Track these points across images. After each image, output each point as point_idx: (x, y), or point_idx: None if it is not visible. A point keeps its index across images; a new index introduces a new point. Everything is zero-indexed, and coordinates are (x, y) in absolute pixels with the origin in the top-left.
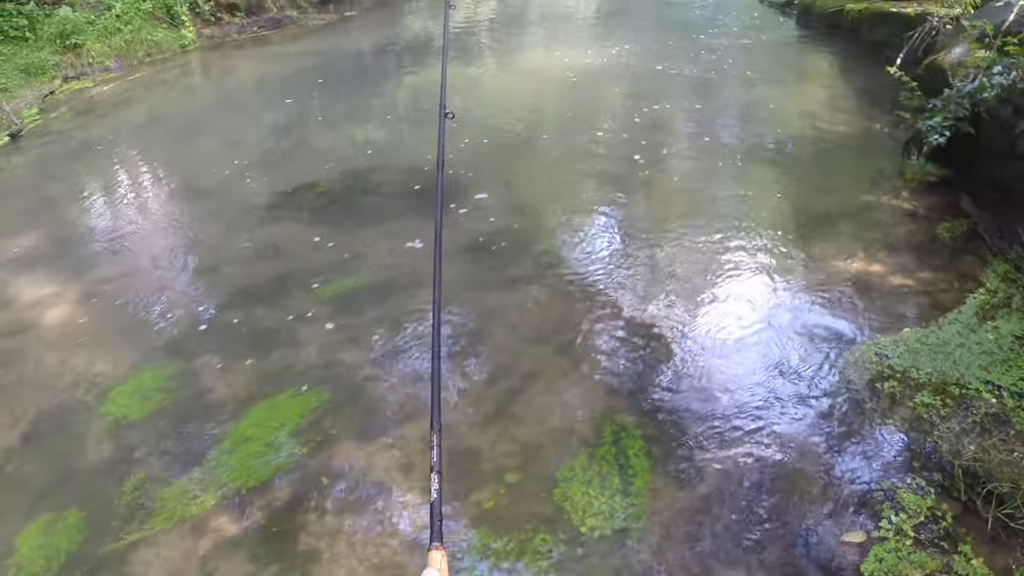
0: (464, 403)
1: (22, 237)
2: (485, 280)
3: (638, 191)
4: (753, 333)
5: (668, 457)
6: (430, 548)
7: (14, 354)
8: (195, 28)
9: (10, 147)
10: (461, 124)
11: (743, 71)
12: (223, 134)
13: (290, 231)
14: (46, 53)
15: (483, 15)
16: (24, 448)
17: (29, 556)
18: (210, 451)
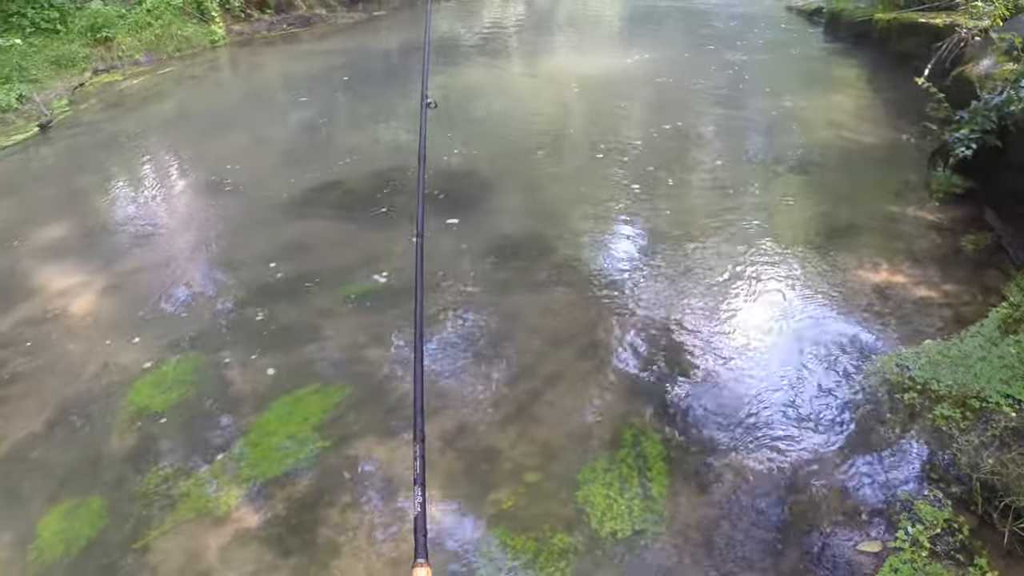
0: (485, 403)
1: (51, 227)
2: (508, 282)
3: (661, 197)
4: (774, 341)
5: (687, 462)
6: (414, 565)
7: (41, 342)
8: (225, 24)
9: (40, 137)
10: (489, 128)
11: (770, 79)
12: (250, 130)
13: (315, 228)
14: (76, 46)
15: (510, 18)
16: (48, 435)
17: (50, 540)
18: (232, 443)
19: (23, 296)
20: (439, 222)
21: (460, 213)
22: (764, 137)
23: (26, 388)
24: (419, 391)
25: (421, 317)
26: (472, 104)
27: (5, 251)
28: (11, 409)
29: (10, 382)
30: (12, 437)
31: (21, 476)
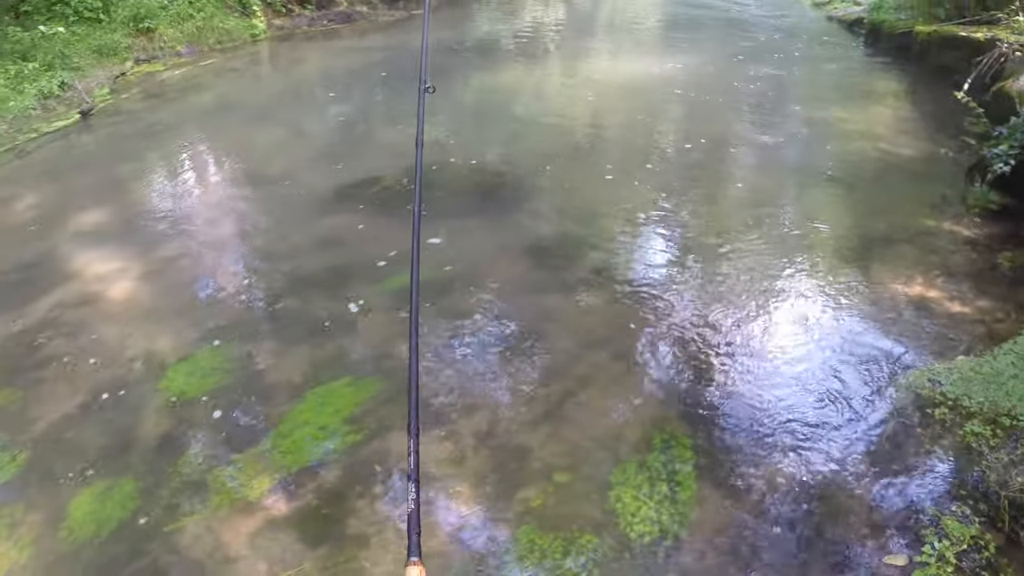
0: (517, 402)
1: (90, 212)
2: (543, 283)
3: (695, 204)
4: (806, 351)
5: (716, 468)
6: (408, 564)
7: (78, 325)
8: (266, 18)
9: (80, 125)
10: (526, 129)
11: (808, 89)
12: (289, 124)
13: (352, 223)
14: (119, 35)
15: (550, 21)
16: (83, 416)
17: (81, 520)
18: (265, 432)
19: (62, 279)
20: (475, 221)
21: (495, 212)
22: (801, 147)
23: (61, 370)
24: (414, 385)
25: (416, 312)
26: (510, 105)
27: (45, 235)
28: (46, 390)
29: (46, 363)
30: (47, 418)
31: (54, 456)
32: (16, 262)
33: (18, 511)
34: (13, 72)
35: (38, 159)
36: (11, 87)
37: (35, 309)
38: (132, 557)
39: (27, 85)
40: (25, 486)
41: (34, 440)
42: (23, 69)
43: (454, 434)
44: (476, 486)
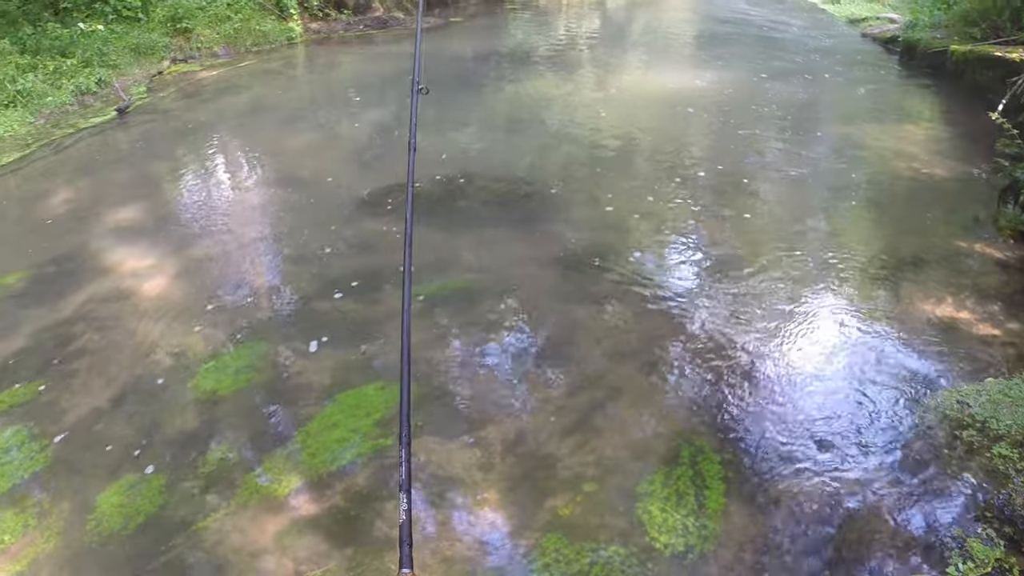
0: (546, 411)
1: (124, 209)
2: (573, 293)
3: (725, 218)
4: (834, 368)
5: (743, 483)
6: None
7: (111, 320)
8: (302, 22)
9: (116, 122)
10: (559, 139)
11: (841, 106)
12: (323, 127)
13: (384, 228)
14: (156, 35)
15: (584, 32)
16: (113, 410)
17: (108, 513)
18: (294, 432)
19: (96, 274)
20: (503, 230)
21: (523, 222)
22: (833, 165)
23: (93, 363)
24: (405, 394)
25: (408, 317)
26: (540, 115)
27: (80, 229)
28: (78, 383)
29: (78, 356)
30: (77, 410)
31: (84, 448)
32: (51, 255)
33: (46, 501)
34: (51, 68)
35: (74, 154)
36: (49, 83)
37: (69, 302)
38: (158, 551)
39: (65, 81)
40: (54, 477)
41: (64, 432)
42: (61, 65)
43: (483, 441)
44: (504, 493)
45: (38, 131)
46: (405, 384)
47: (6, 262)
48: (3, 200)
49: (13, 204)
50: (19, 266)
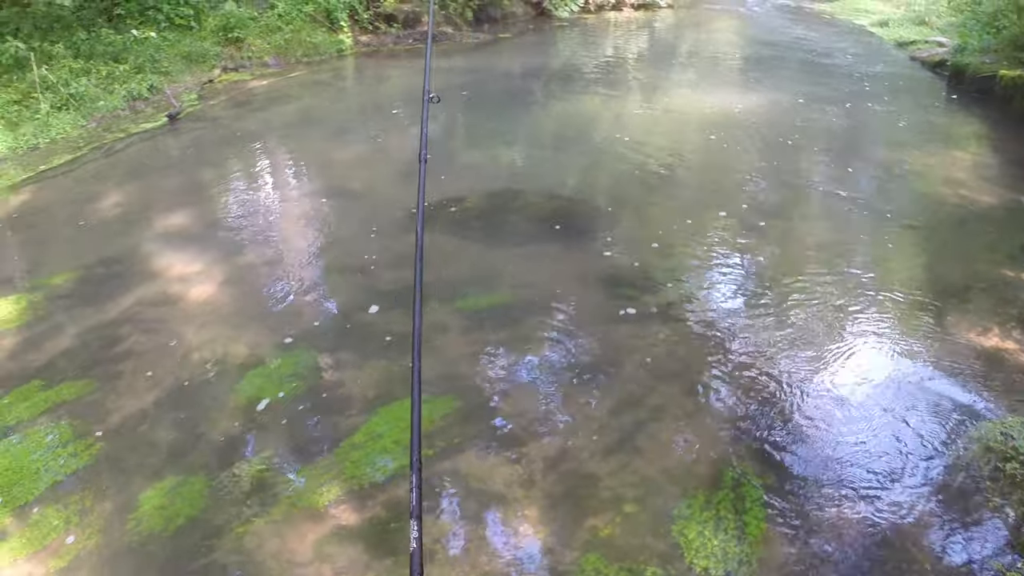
0: (589, 430)
1: (174, 214)
2: (617, 312)
3: (769, 241)
4: (877, 396)
5: (784, 510)
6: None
7: (158, 323)
8: (353, 34)
9: (167, 128)
10: (605, 157)
11: (887, 131)
12: (371, 140)
13: (432, 242)
14: (208, 43)
15: (631, 50)
16: (157, 412)
17: (150, 513)
18: (338, 442)
19: (144, 277)
20: (549, 247)
21: (569, 239)
22: (878, 190)
23: (139, 365)
24: (417, 419)
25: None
26: (587, 132)
27: (129, 232)
28: (124, 384)
29: (125, 357)
30: (123, 411)
31: (128, 449)
32: (101, 257)
33: (88, 499)
34: (104, 73)
35: (125, 158)
36: (102, 87)
37: (116, 304)
38: (198, 554)
39: (117, 86)
40: (97, 476)
41: (109, 432)
42: (114, 70)
43: (525, 457)
44: (545, 510)
45: (90, 134)
46: (416, 411)
47: (55, 263)
48: (54, 201)
49: (64, 205)
50: (68, 267)
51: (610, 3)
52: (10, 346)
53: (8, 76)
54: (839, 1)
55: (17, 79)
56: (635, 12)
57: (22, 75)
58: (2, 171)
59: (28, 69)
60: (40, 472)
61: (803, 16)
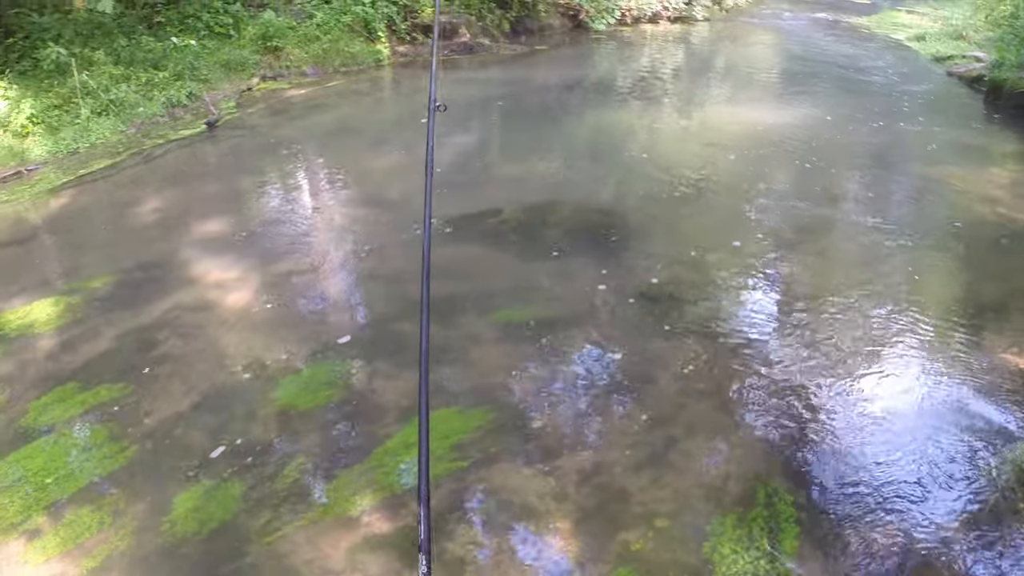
0: (622, 444)
1: (211, 221)
2: (652, 327)
3: (804, 258)
4: (911, 416)
5: (816, 528)
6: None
7: (195, 328)
8: (390, 45)
9: (206, 135)
10: (640, 171)
11: (924, 147)
12: (407, 150)
13: (469, 254)
14: (247, 52)
15: (668, 64)
16: (193, 416)
17: (184, 516)
18: (371, 450)
19: (181, 283)
20: (584, 259)
21: (603, 252)
22: (914, 207)
23: (176, 369)
24: (424, 449)
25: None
26: (622, 145)
27: (167, 238)
28: (160, 387)
29: (162, 361)
30: (158, 414)
31: (163, 452)
32: (139, 261)
33: (122, 501)
34: (144, 79)
35: (163, 164)
36: (141, 94)
37: (154, 308)
38: (231, 558)
39: (156, 93)
40: (132, 477)
41: (144, 434)
42: (154, 77)
43: (558, 470)
44: (577, 524)
45: (129, 140)
46: (424, 441)
47: (94, 266)
48: (93, 205)
49: (102, 210)
50: (106, 270)
51: (647, 16)
52: (48, 347)
53: (49, 81)
54: (876, 15)
55: (58, 84)
56: (671, 25)
57: (63, 80)
58: (42, 175)
59: (69, 75)
60: (75, 472)
61: (840, 29)
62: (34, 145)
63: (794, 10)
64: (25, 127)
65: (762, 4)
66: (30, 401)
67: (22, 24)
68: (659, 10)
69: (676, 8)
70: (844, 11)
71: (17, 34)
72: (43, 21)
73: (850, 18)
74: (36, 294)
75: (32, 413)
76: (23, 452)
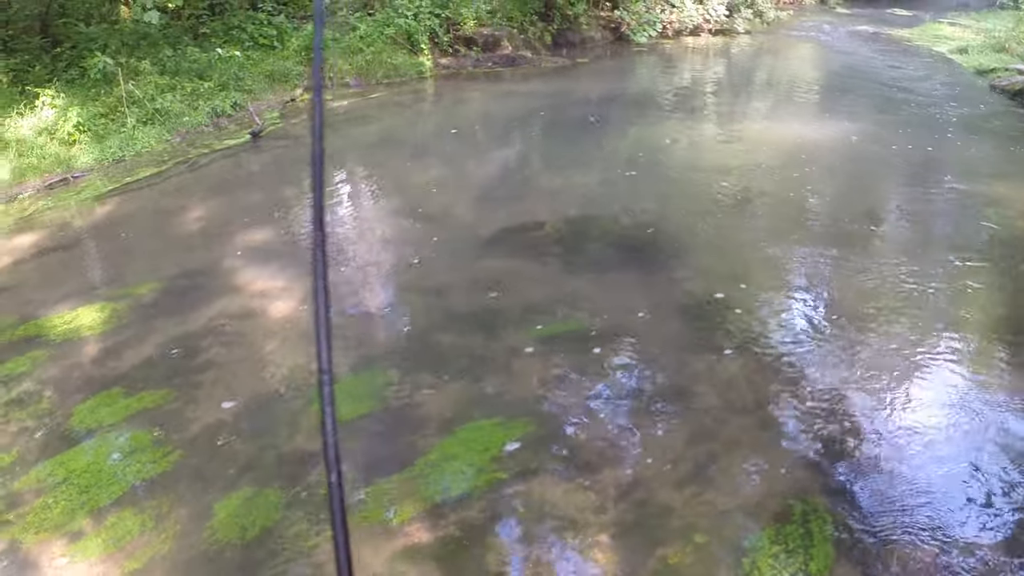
0: (663, 459)
1: (256, 230)
2: (693, 341)
3: (846, 274)
4: (952, 434)
5: (854, 546)
6: None
7: (238, 337)
8: (433, 57)
9: (250, 145)
10: (680, 185)
11: (967, 161)
12: (449, 162)
13: (510, 265)
14: (290, 63)
15: (709, 77)
16: (235, 424)
17: (225, 522)
18: (413, 461)
19: (225, 291)
20: (625, 274)
21: (645, 267)
22: (956, 223)
23: (219, 376)
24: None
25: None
26: (663, 159)
27: (211, 246)
28: (203, 394)
29: (205, 368)
30: (201, 420)
31: (206, 458)
32: (184, 269)
33: (165, 505)
34: (189, 89)
35: (208, 173)
36: (186, 103)
37: (199, 316)
38: (271, 564)
39: (201, 103)
40: (175, 483)
41: (187, 440)
42: (198, 87)
43: (597, 484)
44: (615, 538)
45: (174, 149)
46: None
47: (139, 273)
48: (138, 213)
49: (148, 217)
50: (152, 277)
51: (688, 29)
52: (94, 352)
53: (96, 90)
54: (918, 27)
55: (105, 93)
56: (713, 38)
57: (109, 90)
58: (88, 182)
59: (115, 84)
60: (118, 476)
61: (881, 42)
62: (80, 153)
63: (835, 23)
64: (72, 135)
65: (803, 17)
66: (75, 405)
67: (69, 34)
68: (700, 23)
69: (717, 21)
70: (885, 23)
71: (64, 44)
72: (90, 31)
73: (891, 31)
74: (82, 299)
75: (77, 417)
76: (67, 455)
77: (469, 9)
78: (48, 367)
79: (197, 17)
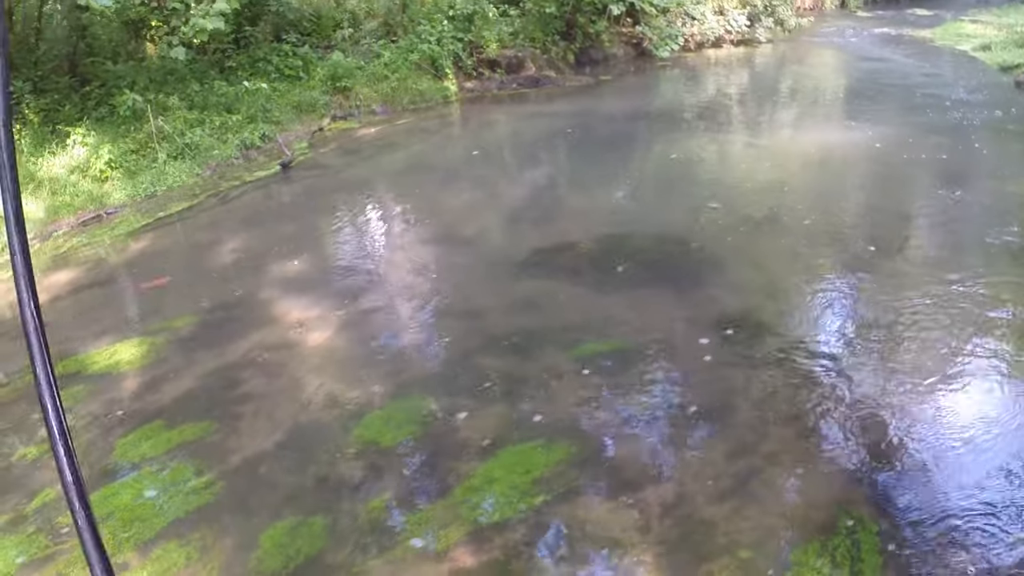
0: (705, 474)
1: (290, 260)
2: (730, 357)
3: (882, 281)
4: (997, 443)
5: (900, 557)
6: None
7: (277, 367)
8: (457, 81)
9: (280, 176)
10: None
11: (994, 161)
12: (479, 185)
13: (545, 287)
14: (317, 93)
15: (733, 88)
16: (278, 454)
17: (270, 552)
18: (455, 485)
19: (264, 322)
20: (659, 290)
21: (678, 282)
22: (988, 224)
23: (259, 407)
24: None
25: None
26: (691, 173)
27: (246, 278)
28: (244, 425)
29: (245, 400)
30: (243, 452)
31: (249, 489)
32: (219, 301)
33: (210, 536)
34: (218, 123)
35: (239, 205)
36: (216, 136)
37: (236, 347)
38: None
39: (230, 136)
40: (219, 514)
41: (230, 471)
42: (227, 120)
43: (641, 502)
44: (660, 556)
45: (205, 182)
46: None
47: (176, 306)
48: (172, 247)
49: (182, 251)
50: (188, 310)
51: (710, 40)
52: (134, 387)
53: (126, 127)
54: (940, 26)
55: (135, 130)
56: (735, 48)
57: (139, 126)
58: (121, 217)
59: (145, 120)
60: (162, 509)
61: (904, 44)
62: (113, 189)
63: (856, 27)
64: (104, 172)
65: (824, 23)
66: (117, 439)
67: (97, 72)
68: (722, 34)
69: (739, 31)
70: (907, 25)
71: (93, 82)
72: (118, 69)
73: (913, 32)
74: (120, 334)
75: (119, 450)
76: (111, 488)
77: (491, 32)
78: (89, 402)
79: (223, 51)
